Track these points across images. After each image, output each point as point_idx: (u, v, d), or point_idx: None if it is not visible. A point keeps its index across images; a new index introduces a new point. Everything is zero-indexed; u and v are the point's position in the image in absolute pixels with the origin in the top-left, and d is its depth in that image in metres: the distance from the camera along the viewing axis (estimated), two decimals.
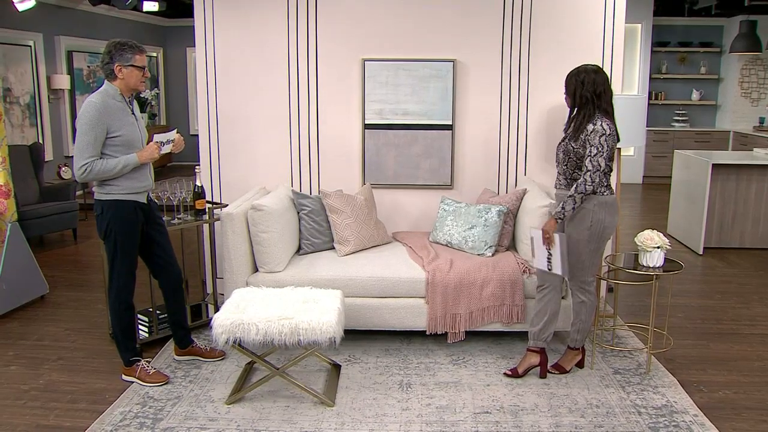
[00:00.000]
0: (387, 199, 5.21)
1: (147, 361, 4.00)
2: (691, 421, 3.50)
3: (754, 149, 7.77)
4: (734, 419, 3.55)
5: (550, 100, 5.06)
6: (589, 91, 3.68)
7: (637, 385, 3.89)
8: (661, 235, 3.96)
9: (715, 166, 6.76)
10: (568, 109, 3.85)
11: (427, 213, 5.18)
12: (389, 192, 5.22)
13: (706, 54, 11.44)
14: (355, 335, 4.37)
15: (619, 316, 4.89)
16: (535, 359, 3.98)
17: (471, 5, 4.99)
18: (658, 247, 3.92)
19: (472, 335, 4.40)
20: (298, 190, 5.16)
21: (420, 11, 5.01)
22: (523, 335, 4.50)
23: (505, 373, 4.01)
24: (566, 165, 3.81)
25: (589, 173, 3.62)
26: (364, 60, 5.04)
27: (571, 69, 3.81)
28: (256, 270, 4.43)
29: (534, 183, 4.92)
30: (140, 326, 4.50)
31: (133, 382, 3.92)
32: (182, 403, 3.68)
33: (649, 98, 11.26)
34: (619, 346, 4.45)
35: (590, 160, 3.63)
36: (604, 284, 4.82)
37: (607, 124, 3.66)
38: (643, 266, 3.99)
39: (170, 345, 4.43)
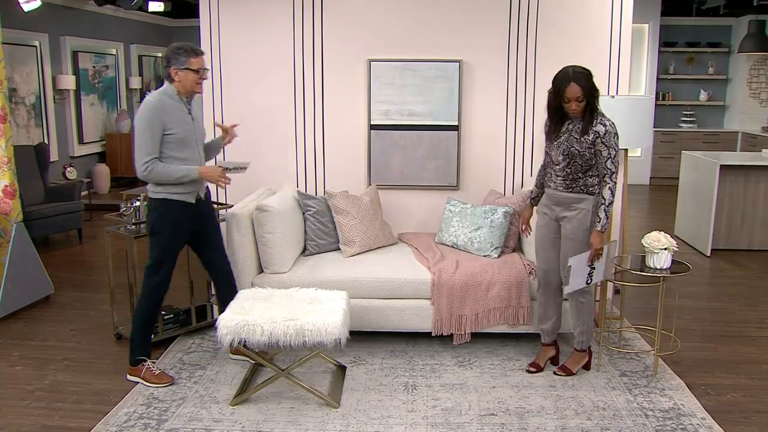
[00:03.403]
0: (393, 200, 5.19)
1: (152, 362, 3.99)
2: (698, 424, 3.47)
3: (763, 150, 7.72)
4: (742, 423, 3.52)
5: None
6: (594, 93, 3.66)
7: (644, 387, 3.86)
8: (669, 236, 3.93)
9: (724, 167, 6.71)
10: (547, 110, 3.81)
11: (433, 214, 5.16)
12: (395, 193, 5.20)
13: (714, 54, 11.38)
14: (360, 336, 4.36)
15: (626, 318, 4.86)
16: (551, 351, 4.12)
17: (477, 5, 4.97)
18: (666, 249, 3.90)
19: (477, 337, 4.37)
20: (304, 191, 5.15)
21: (426, 11, 4.99)
22: (529, 337, 4.48)
23: (527, 370, 4.05)
24: (570, 168, 3.74)
25: (615, 174, 3.67)
26: (370, 60, 5.03)
27: (559, 69, 3.75)
28: (261, 271, 4.42)
29: None
30: None
31: (137, 383, 3.91)
32: (187, 404, 3.67)
33: (657, 99, 11.20)
34: (626, 348, 4.42)
35: (612, 162, 3.66)
36: (611, 286, 4.79)
37: (611, 123, 3.68)
38: (651, 268, 3.96)
39: (175, 345, 4.43)
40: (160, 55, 12.25)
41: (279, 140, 5.15)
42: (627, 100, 4.44)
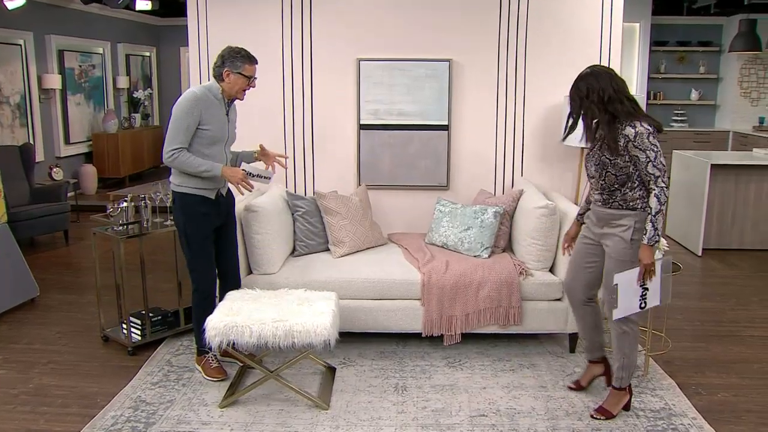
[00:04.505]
0: (382, 200, 5.16)
1: (214, 355, 4.00)
2: (689, 424, 3.46)
3: (754, 149, 7.74)
4: (733, 422, 3.51)
5: (547, 100, 5.02)
6: (594, 99, 3.28)
7: (636, 387, 3.83)
8: None
9: (715, 167, 6.72)
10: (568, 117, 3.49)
11: (423, 214, 5.13)
12: (385, 193, 5.17)
13: (705, 53, 11.40)
14: (350, 338, 4.32)
15: None
16: (598, 369, 3.77)
17: (467, 5, 4.95)
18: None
19: (468, 338, 4.35)
20: (293, 191, 5.12)
21: (415, 11, 4.97)
22: (519, 337, 4.46)
23: (568, 386, 3.83)
24: (604, 179, 3.33)
25: (660, 178, 3.19)
26: (360, 60, 5.00)
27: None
28: (250, 272, 4.38)
29: (530, 184, 4.87)
30: (133, 329, 4.44)
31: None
32: (175, 407, 3.63)
33: (648, 98, 11.21)
34: None
35: (653, 165, 3.19)
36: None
37: (647, 122, 3.24)
38: None
39: (163, 348, 4.39)
40: (147, 54, 12.19)
41: (268, 140, 5.06)
42: None
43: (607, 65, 4.93)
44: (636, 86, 11.11)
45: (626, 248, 3.31)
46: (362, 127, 5.09)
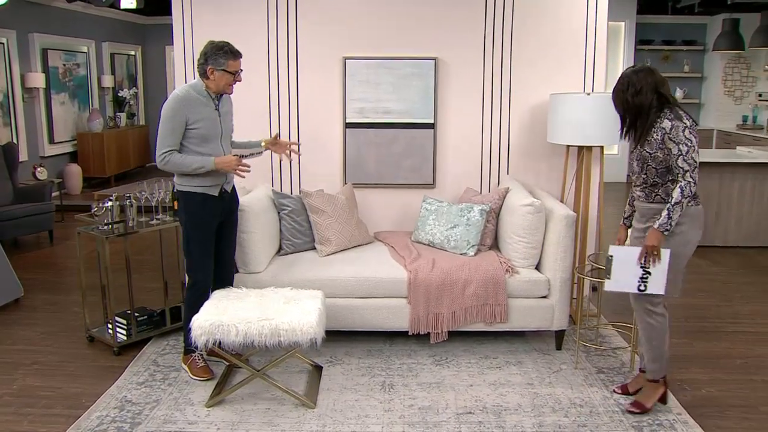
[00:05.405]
0: (368, 199, 5.16)
1: (201, 355, 3.98)
2: (674, 419, 3.48)
3: (738, 147, 7.80)
4: (718, 417, 3.54)
5: (533, 99, 5.04)
6: (631, 93, 3.38)
7: (621, 383, 3.86)
8: None
9: (699, 165, 6.74)
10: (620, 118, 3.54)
11: (409, 212, 5.13)
12: (371, 191, 5.17)
13: (689, 52, 11.49)
14: (336, 336, 4.32)
15: (603, 315, 4.87)
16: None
17: (452, 3, 4.95)
18: None
19: (454, 335, 4.35)
20: (279, 190, 5.10)
21: (401, 9, 4.97)
22: (506, 335, 4.47)
23: (614, 390, 3.78)
24: (645, 174, 3.41)
25: (688, 173, 3.26)
26: (345, 58, 4.99)
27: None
28: (236, 271, 4.36)
29: (516, 181, 4.89)
30: (118, 329, 4.42)
31: (182, 371, 3.99)
32: (161, 407, 3.61)
33: None
34: (603, 345, 4.42)
35: (683, 159, 3.26)
36: (587, 283, 4.80)
37: (686, 116, 3.35)
38: None
39: (149, 347, 4.36)
40: (132, 53, 12.11)
41: (253, 139, 5.07)
42: (604, 97, 4.43)
43: (592, 63, 4.97)
44: None
45: (671, 240, 3.36)
46: (348, 125, 5.08)
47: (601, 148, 4.78)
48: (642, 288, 3.42)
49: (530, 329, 4.32)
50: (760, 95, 10.91)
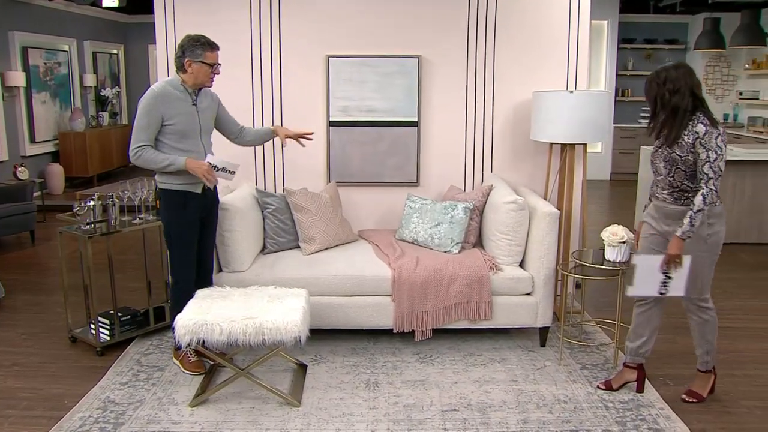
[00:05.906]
0: (352, 197, 5.15)
1: (191, 351, 3.98)
2: (657, 414, 3.51)
3: None
4: (699, 412, 3.57)
5: (516, 97, 5.06)
6: (669, 90, 3.35)
7: (605, 379, 3.88)
8: (627, 229, 3.95)
9: None
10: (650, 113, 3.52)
11: (393, 210, 5.13)
12: (355, 189, 5.16)
13: (671, 51, 11.58)
14: (321, 335, 4.31)
15: (586, 312, 4.89)
16: (631, 375, 3.79)
17: (436, 1, 4.96)
18: (624, 242, 3.92)
19: (439, 333, 4.36)
20: (262, 189, 5.09)
21: (384, 7, 4.97)
22: (490, 332, 4.48)
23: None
24: (673, 176, 3.40)
25: (712, 181, 3.26)
26: (329, 56, 4.98)
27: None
28: (219, 270, 4.34)
29: (500, 179, 4.90)
30: (101, 329, 4.39)
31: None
32: (144, 407, 3.59)
33: (616, 95, 11.35)
34: (586, 342, 4.45)
35: (710, 166, 3.26)
36: (571, 280, 4.82)
37: (718, 125, 3.33)
38: (609, 261, 3.98)
39: (133, 347, 4.33)
40: (114, 51, 12.02)
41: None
42: (586, 95, 4.46)
43: (575, 61, 5.00)
44: (605, 83, 11.24)
45: (701, 243, 3.40)
46: (332, 123, 5.07)
47: (584, 145, 4.80)
48: (662, 292, 3.49)
49: (514, 326, 4.34)
50: (740, 93, 11.03)
